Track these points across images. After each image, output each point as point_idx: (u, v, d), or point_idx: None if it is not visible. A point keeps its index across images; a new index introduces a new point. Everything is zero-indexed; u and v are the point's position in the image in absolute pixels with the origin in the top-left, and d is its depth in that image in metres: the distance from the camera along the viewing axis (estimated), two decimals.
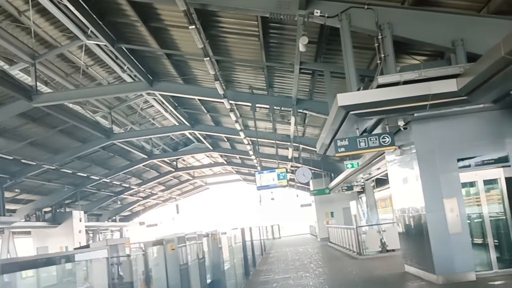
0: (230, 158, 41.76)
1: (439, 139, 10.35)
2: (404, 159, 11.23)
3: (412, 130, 10.35)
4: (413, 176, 10.74)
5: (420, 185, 10.32)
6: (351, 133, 10.86)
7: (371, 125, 10.68)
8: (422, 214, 10.46)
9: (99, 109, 23.50)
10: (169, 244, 6.82)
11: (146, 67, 17.44)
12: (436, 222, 10.17)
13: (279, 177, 17.42)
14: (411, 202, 11.23)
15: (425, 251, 10.45)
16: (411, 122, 10.32)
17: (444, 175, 10.24)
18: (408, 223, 11.68)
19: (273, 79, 16.88)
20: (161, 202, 55.85)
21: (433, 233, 10.18)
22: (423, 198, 10.25)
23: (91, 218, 45.10)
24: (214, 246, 10.51)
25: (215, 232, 10.51)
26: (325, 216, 35.17)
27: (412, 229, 11.44)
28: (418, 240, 10.98)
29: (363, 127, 10.64)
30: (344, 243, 21.93)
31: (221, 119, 25.59)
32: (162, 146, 34.38)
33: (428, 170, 10.30)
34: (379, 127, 10.84)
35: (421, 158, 10.31)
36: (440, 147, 10.31)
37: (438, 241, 10.16)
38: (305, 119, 21.18)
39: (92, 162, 30.59)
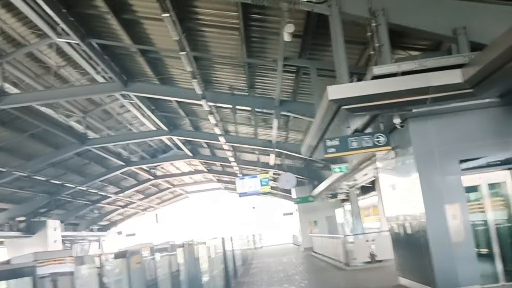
0: (210, 166, 40.61)
1: (439, 138, 9.39)
2: (398, 161, 10.26)
3: (410, 129, 9.38)
4: (410, 180, 9.77)
5: (419, 189, 9.35)
6: (341, 132, 9.88)
7: (364, 123, 9.69)
8: (421, 222, 9.48)
9: (72, 113, 22.27)
10: (134, 257, 5.72)
11: (120, 66, 16.32)
12: (437, 230, 9.20)
13: (262, 183, 16.37)
14: (407, 208, 10.24)
15: (424, 262, 9.47)
16: (408, 119, 9.36)
17: (445, 179, 9.29)
18: (404, 232, 10.69)
19: (254, 79, 15.86)
20: (140, 211, 54.39)
21: (434, 242, 9.20)
22: (422, 204, 9.27)
23: (68, 227, 43.61)
24: (190, 258, 9.41)
25: (191, 242, 9.43)
26: (308, 225, 34.14)
27: (408, 238, 10.45)
28: (416, 250, 9.99)
29: (355, 125, 9.66)
30: (330, 253, 20.92)
31: (200, 124, 24.49)
32: (140, 153, 33.16)
33: (427, 173, 9.34)
34: (371, 126, 9.86)
35: (420, 159, 9.35)
36: (441, 147, 9.36)
37: (439, 251, 9.18)
38: (287, 123, 20.18)
39: (67, 169, 29.23)
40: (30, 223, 33.41)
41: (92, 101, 22.01)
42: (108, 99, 22.30)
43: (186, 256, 8.97)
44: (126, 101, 21.74)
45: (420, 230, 9.59)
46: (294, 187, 18.60)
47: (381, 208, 23.78)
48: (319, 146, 11.25)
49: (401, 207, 10.70)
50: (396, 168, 10.57)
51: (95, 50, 14.32)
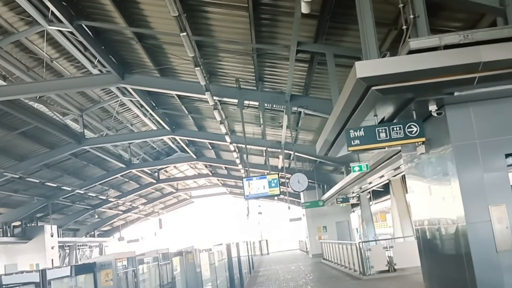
0: (215, 169, 39.25)
1: (482, 128, 7.96)
2: (431, 156, 8.82)
3: (448, 117, 7.96)
4: (446, 178, 8.34)
5: (457, 189, 7.92)
6: (365, 122, 8.47)
7: (392, 111, 8.26)
8: (459, 226, 8.05)
9: (69, 111, 20.98)
10: (103, 271, 4.35)
11: (116, 56, 15.01)
12: (480, 236, 7.77)
13: (271, 184, 14.93)
14: (442, 211, 8.80)
15: (463, 273, 8.04)
16: (445, 106, 7.95)
17: (490, 176, 7.86)
18: (436, 238, 9.26)
19: (263, 70, 14.48)
20: (143, 216, 53.11)
21: (476, 250, 7.76)
22: (461, 206, 7.84)
23: (68, 233, 42.44)
24: (189, 267, 8.03)
25: (190, 250, 8.07)
26: (317, 231, 32.71)
27: (442, 245, 9.02)
28: (451, 259, 8.56)
29: (382, 113, 8.25)
30: (342, 260, 19.45)
31: (204, 123, 23.15)
32: (142, 156, 31.86)
33: (468, 169, 7.92)
34: (400, 115, 8.42)
35: (459, 154, 7.91)
36: (484, 139, 7.93)
37: (482, 260, 7.74)
38: (298, 121, 18.77)
39: (64, 171, 27.94)
40: (26, 228, 32.35)
41: (89, 98, 20.76)
42: (107, 96, 21.04)
43: (184, 266, 7.60)
44: (126, 99, 20.47)
45: (458, 236, 8.16)
46: (305, 189, 17.09)
47: (395, 213, 22.38)
48: (338, 140, 9.85)
49: (433, 210, 9.26)
50: (428, 165, 9.14)
51: (88, 38, 13.03)
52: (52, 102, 19.90)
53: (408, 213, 21.72)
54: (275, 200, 50.06)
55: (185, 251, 7.77)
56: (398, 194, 21.87)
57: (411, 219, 21.84)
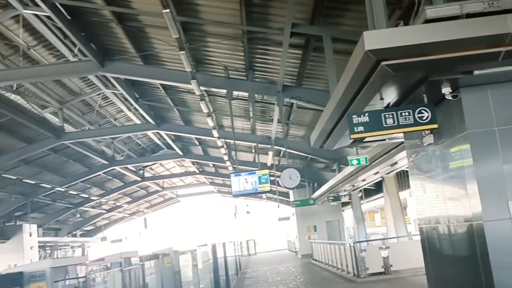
0: (202, 166, 38.18)
1: (502, 114, 7.00)
2: (442, 146, 7.86)
3: (463, 101, 7.01)
4: (459, 171, 7.39)
5: (473, 182, 6.99)
6: (368, 107, 7.51)
7: (400, 94, 7.31)
8: (474, 224, 7.12)
9: (48, 103, 19.88)
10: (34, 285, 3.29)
11: (96, 42, 13.97)
12: (499, 235, 6.83)
13: (260, 180, 13.97)
14: (453, 207, 7.86)
15: (477, 277, 7.11)
16: (461, 89, 7.01)
17: (510, 168, 6.95)
18: (444, 238, 8.33)
19: (254, 58, 13.52)
20: (128, 215, 51.87)
21: (494, 251, 6.83)
22: (478, 201, 6.90)
23: (49, 232, 41.25)
24: (166, 271, 7.05)
25: (168, 252, 7.09)
26: (307, 230, 31.80)
27: (452, 246, 8.08)
28: (464, 260, 7.63)
29: (390, 96, 7.30)
30: (334, 261, 18.55)
31: (191, 117, 22.13)
32: (126, 152, 30.72)
33: (485, 160, 6.98)
34: (409, 99, 7.46)
35: (476, 142, 6.97)
36: (504, 126, 7.00)
37: (502, 262, 6.81)
38: (289, 115, 17.83)
39: (43, 168, 26.73)
40: (3, 227, 31.26)
41: (70, 90, 19.69)
42: (88, 88, 19.98)
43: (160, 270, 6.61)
44: (109, 91, 19.44)
45: (472, 236, 7.23)
46: (297, 186, 16.12)
47: (388, 212, 21.55)
48: (336, 129, 8.86)
49: (442, 207, 8.31)
50: (436, 157, 8.20)
51: (65, 20, 12.00)
52: (30, 94, 18.83)
53: (402, 212, 20.94)
54: (263, 199, 49.19)
55: (161, 254, 6.81)
56: (392, 192, 21.05)
57: (404, 218, 21.16)
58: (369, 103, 7.24)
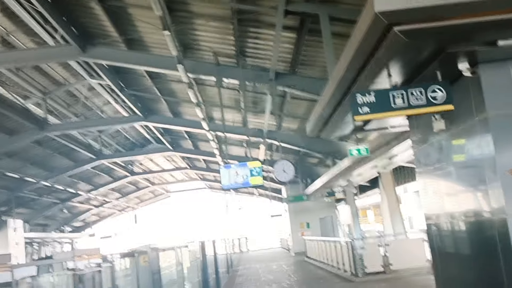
0: (193, 162, 37.26)
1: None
2: (456, 132, 6.99)
3: (483, 79, 6.18)
4: (476, 160, 6.54)
5: (493, 172, 6.16)
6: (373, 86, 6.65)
7: (411, 70, 6.40)
8: (495, 219, 6.28)
9: (30, 93, 18.89)
10: None
11: (76, 25, 13.04)
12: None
13: (252, 173, 13.09)
14: (468, 201, 7.01)
15: (499, 276, 6.28)
16: (480, 65, 6.16)
17: None
18: (457, 235, 7.48)
19: (245, 43, 12.61)
20: (117, 211, 50.83)
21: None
22: (501, 193, 6.07)
23: (37, 228, 40.12)
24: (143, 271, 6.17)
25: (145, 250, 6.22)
26: (300, 227, 30.99)
27: (467, 243, 7.24)
28: (482, 259, 6.79)
29: (400, 73, 6.41)
30: (329, 259, 17.72)
31: (180, 108, 21.21)
32: (114, 146, 29.72)
33: (509, 146, 6.16)
34: (421, 77, 6.57)
35: (497, 126, 6.12)
36: None
37: None
38: (282, 106, 16.95)
39: (27, 161, 25.66)
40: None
41: (53, 80, 18.71)
42: (73, 78, 18.99)
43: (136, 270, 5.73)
44: (95, 82, 18.44)
45: (493, 231, 6.38)
46: (291, 179, 15.25)
47: (385, 208, 20.75)
48: (336, 114, 8.00)
49: (455, 200, 7.45)
50: (449, 145, 7.33)
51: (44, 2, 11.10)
52: (11, 83, 17.84)
53: (399, 208, 20.14)
54: (255, 195, 48.31)
55: (138, 252, 5.94)
56: (388, 188, 20.26)
57: (401, 215, 20.35)
58: (375, 80, 6.37)
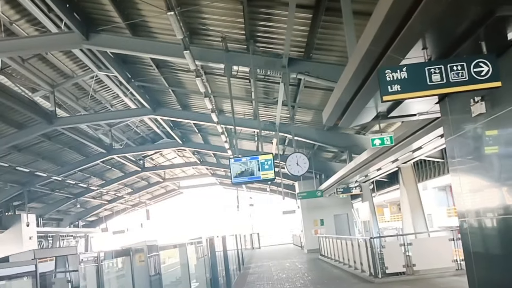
0: (203, 157, 36.61)
1: None
2: (497, 118, 6.11)
3: None
4: None
5: None
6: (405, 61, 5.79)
7: (450, 41, 5.53)
8: None
9: (38, 86, 18.33)
10: None
11: (79, 11, 12.37)
12: None
13: (263, 166, 12.32)
14: (510, 197, 6.16)
15: None
16: None
17: None
18: (497, 233, 6.61)
19: (255, 26, 11.80)
20: (130, 207, 50.49)
21: None
22: None
23: (51, 223, 40.00)
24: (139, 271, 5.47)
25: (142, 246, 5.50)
26: (313, 224, 30.15)
27: (507, 244, 6.38)
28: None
29: (436, 45, 5.54)
30: (346, 258, 16.91)
31: (189, 101, 20.52)
32: (125, 141, 29.18)
33: None
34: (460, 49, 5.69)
35: None
36: None
37: None
38: (296, 96, 16.12)
39: (38, 156, 25.24)
40: (2, 217, 30.21)
41: (61, 72, 18.13)
42: (80, 70, 18.38)
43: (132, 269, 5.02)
44: (102, 74, 17.80)
45: None
46: (304, 174, 14.40)
47: (405, 205, 19.82)
48: (358, 99, 7.16)
49: (497, 195, 6.57)
50: (490, 131, 6.44)
51: None
52: (18, 76, 17.31)
53: (421, 205, 19.20)
54: (267, 192, 47.53)
55: (133, 249, 5.24)
56: (409, 183, 19.31)
57: (424, 212, 19.38)
58: (406, 54, 5.54)
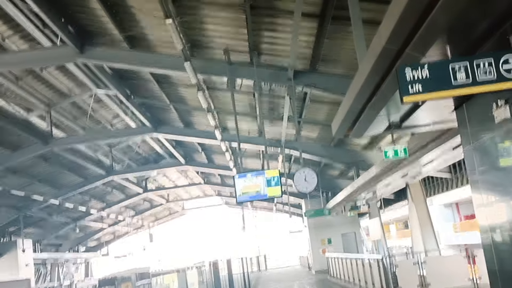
0: (208, 176, 35.87)
1: None
2: None
3: None
4: None
5: None
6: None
7: (474, 37, 4.92)
8: None
9: (33, 105, 17.77)
10: None
11: (73, 24, 11.84)
12: None
13: (270, 183, 11.65)
14: None
15: None
16: None
17: None
18: None
19: (260, 36, 11.24)
20: (132, 230, 49.51)
21: None
22: None
23: (49, 248, 39.01)
24: None
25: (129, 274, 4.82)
26: (321, 244, 29.27)
27: None
28: None
29: (460, 40, 4.94)
30: (357, 278, 16.11)
31: (191, 118, 19.91)
32: (126, 162, 28.52)
33: None
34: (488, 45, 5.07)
35: None
36: None
37: None
38: (302, 111, 15.49)
39: (34, 178, 24.52)
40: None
41: (57, 91, 17.54)
42: (77, 88, 17.82)
43: None
44: (101, 92, 17.24)
45: None
46: (313, 190, 13.65)
47: (415, 222, 19.01)
48: (371, 106, 6.52)
49: None
50: None
51: None
52: (12, 95, 16.75)
53: (430, 222, 18.40)
54: (272, 211, 46.70)
55: (119, 278, 4.57)
56: (418, 199, 18.54)
57: (434, 229, 18.57)
58: (427, 51, 4.91)
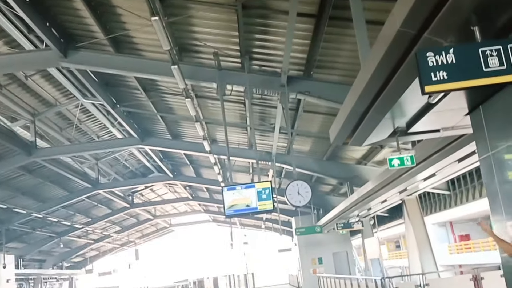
0: (196, 191, 35.06)
1: None
2: None
3: None
4: None
5: None
6: None
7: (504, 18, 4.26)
8: None
9: (18, 115, 17.05)
10: None
11: (56, 26, 11.18)
12: None
13: (261, 196, 10.95)
14: None
15: None
16: None
17: None
18: None
19: (251, 40, 10.62)
20: (118, 246, 48.42)
21: None
22: None
23: (33, 264, 37.94)
24: None
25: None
26: (311, 263, 28.38)
27: None
28: None
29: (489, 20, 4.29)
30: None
31: (179, 129, 19.25)
32: (113, 176, 27.74)
33: None
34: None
35: None
36: None
37: None
38: (294, 122, 14.85)
39: (17, 191, 23.67)
40: None
41: (43, 100, 16.85)
42: (63, 97, 17.15)
43: None
44: (88, 102, 16.57)
45: None
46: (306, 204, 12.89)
47: (411, 241, 18.36)
48: (377, 105, 5.85)
49: None
50: None
51: None
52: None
53: (428, 241, 17.71)
54: (262, 229, 45.88)
55: None
56: (415, 217, 17.88)
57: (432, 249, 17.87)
58: (449, 34, 4.27)
